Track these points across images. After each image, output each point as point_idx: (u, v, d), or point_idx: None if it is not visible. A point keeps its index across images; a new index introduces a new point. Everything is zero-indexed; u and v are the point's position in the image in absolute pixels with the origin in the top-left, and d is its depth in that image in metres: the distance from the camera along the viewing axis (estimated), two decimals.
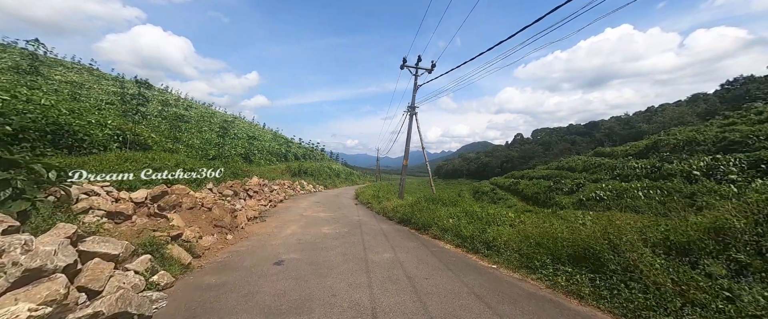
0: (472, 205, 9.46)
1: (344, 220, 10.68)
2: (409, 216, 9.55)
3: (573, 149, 69.44)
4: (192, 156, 17.17)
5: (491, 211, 7.76)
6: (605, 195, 21.91)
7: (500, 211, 7.63)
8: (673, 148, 25.31)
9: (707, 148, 22.52)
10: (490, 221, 6.95)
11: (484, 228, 6.49)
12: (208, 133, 24.30)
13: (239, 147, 24.82)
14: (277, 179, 22.29)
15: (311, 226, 9.24)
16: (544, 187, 31.84)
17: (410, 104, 14.24)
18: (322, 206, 15.06)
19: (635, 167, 25.14)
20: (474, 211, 7.94)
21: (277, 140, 35.49)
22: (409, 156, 14.24)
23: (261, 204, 12.88)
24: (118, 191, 6.70)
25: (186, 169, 10.98)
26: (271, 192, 16.76)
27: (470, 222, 7.15)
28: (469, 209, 8.34)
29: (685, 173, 20.52)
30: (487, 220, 7.13)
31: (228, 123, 27.32)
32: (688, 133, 26.99)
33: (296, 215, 11.42)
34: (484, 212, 7.68)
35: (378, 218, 11.51)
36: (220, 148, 21.49)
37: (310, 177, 28.76)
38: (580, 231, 4.74)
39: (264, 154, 27.47)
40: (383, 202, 13.97)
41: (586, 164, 34.36)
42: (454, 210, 8.63)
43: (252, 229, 8.41)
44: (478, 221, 7.28)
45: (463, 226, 7.04)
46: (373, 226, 9.55)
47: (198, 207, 6.82)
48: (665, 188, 18.94)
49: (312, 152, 40.51)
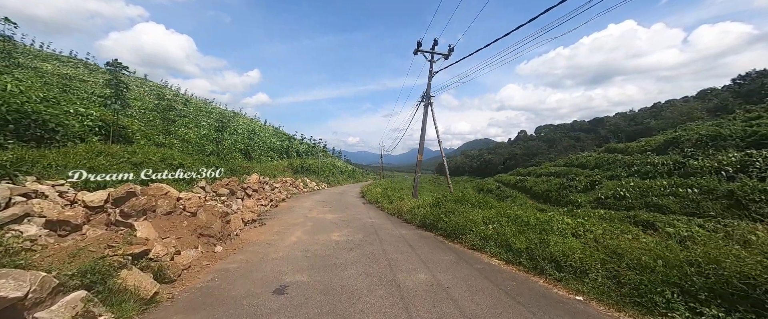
0: (509, 207, 7.96)
1: (355, 223, 9.20)
2: (432, 220, 8.06)
3: (577, 146, 67.80)
4: (188, 152, 15.70)
5: (541, 216, 6.25)
6: (628, 193, 20.46)
7: (553, 216, 6.12)
8: (695, 144, 23.77)
9: (735, 143, 20.97)
10: (545, 229, 5.45)
11: (543, 239, 4.99)
12: (207, 128, 22.80)
13: (239, 143, 23.33)
14: (278, 176, 20.82)
15: (319, 231, 7.75)
16: (556, 184, 30.33)
17: (425, 93, 12.69)
18: (327, 205, 13.59)
19: (656, 163, 23.61)
20: (517, 215, 6.44)
21: (278, 136, 33.99)
22: (423, 151, 12.72)
23: (261, 204, 11.41)
24: (78, 192, 5.22)
25: (174, 165, 9.50)
26: (272, 190, 15.29)
27: (520, 230, 5.64)
28: (510, 212, 6.84)
29: (714, 170, 19.01)
30: (539, 227, 5.64)
31: (226, 117, 25.80)
32: (709, 128, 25.43)
33: (300, 217, 9.95)
34: (532, 216, 6.18)
35: (393, 220, 10.03)
36: (218, 144, 20.00)
37: (313, 174, 27.30)
38: (727, 255, 3.23)
39: (265, 151, 25.99)
40: (395, 201, 12.48)
41: (598, 160, 32.84)
42: (490, 213, 7.12)
43: (249, 236, 6.93)
44: (526, 228, 5.79)
45: (510, 234, 5.55)
46: (390, 231, 8.06)
47: (178, 211, 5.33)
48: (696, 186, 17.47)
49: (314, 149, 39.03)
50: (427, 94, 12.59)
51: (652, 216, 16.98)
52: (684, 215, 15.81)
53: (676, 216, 15.90)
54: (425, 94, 12.71)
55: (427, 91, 12.61)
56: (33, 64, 21.77)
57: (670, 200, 17.40)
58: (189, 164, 10.25)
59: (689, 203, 16.40)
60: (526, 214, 6.42)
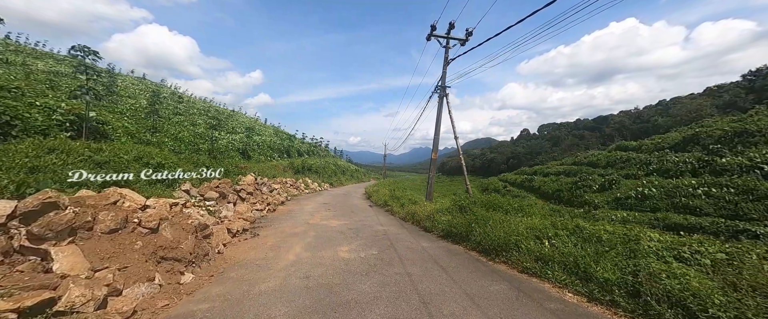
0: (559, 217, 6.44)
1: (365, 232, 7.68)
2: (461, 230, 6.53)
3: (581, 144, 66.20)
4: (179, 150, 14.21)
5: (613, 228, 4.72)
6: (651, 193, 18.90)
7: (633, 230, 4.56)
8: (719, 140, 22.20)
9: (765, 139, 19.40)
10: (632, 250, 3.92)
11: (639, 266, 3.46)
12: (203, 126, 21.31)
13: (237, 141, 21.84)
14: (278, 176, 19.32)
15: (323, 244, 6.24)
16: (567, 184, 28.77)
17: (440, 84, 11.16)
18: (331, 209, 12.07)
19: (676, 161, 22.04)
20: (579, 227, 4.91)
21: (279, 136, 32.49)
22: (437, 148, 11.18)
23: (256, 209, 9.90)
24: None
25: (152, 166, 7.99)
26: (270, 192, 13.79)
27: (597, 251, 4.11)
28: (566, 222, 5.30)
29: (746, 168, 17.44)
30: (620, 245, 4.12)
31: (224, 115, 24.32)
32: (732, 123, 23.86)
33: (301, 225, 8.43)
34: (600, 229, 4.66)
35: (408, 228, 8.50)
36: (213, 143, 18.52)
37: (314, 174, 25.79)
38: None
39: (264, 150, 24.50)
40: (407, 205, 10.96)
41: (610, 158, 31.25)
42: (535, 222, 5.60)
43: (235, 253, 5.42)
44: (600, 245, 4.27)
45: (584, 256, 4.02)
46: (409, 243, 6.54)
47: (130, 228, 3.82)
48: (732, 186, 15.90)
49: (316, 148, 37.52)
50: (442, 84, 11.06)
51: (683, 218, 15.47)
52: (721, 218, 14.27)
53: (712, 218, 14.38)
54: (439, 84, 11.18)
55: (442, 81, 11.08)
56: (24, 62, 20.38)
57: (702, 200, 15.85)
58: (172, 163, 8.75)
59: (725, 204, 14.87)
60: (595, 227, 4.88)
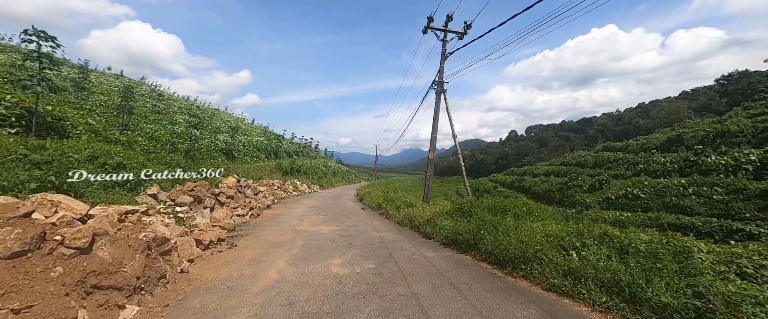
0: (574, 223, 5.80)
1: (360, 239, 6.81)
2: (466, 237, 5.78)
3: (567, 146, 67.53)
4: (155, 150, 12.90)
5: (646, 236, 4.06)
6: (642, 193, 18.88)
7: (675, 239, 3.90)
8: (701, 141, 22.62)
9: (746, 139, 19.81)
10: (687, 267, 3.24)
11: (698, 285, 2.78)
12: (183, 125, 19.85)
13: (220, 141, 20.48)
14: (265, 178, 18.16)
15: (311, 257, 5.33)
16: (558, 184, 28.79)
17: (437, 79, 10.45)
18: (322, 213, 11.11)
19: (664, 161, 22.27)
20: (609, 234, 4.24)
21: (266, 136, 31.09)
22: (435, 147, 10.45)
23: (237, 214, 8.84)
24: None
25: (110, 166, 6.85)
26: (254, 195, 12.68)
27: (646, 269, 3.40)
28: (591, 229, 4.62)
29: (731, 168, 17.65)
30: (654, 254, 3.45)
31: (205, 113, 22.83)
32: (713, 125, 24.42)
33: (287, 231, 7.46)
34: (635, 238, 3.99)
35: (407, 234, 7.69)
36: (193, 142, 17.17)
37: (303, 176, 24.65)
38: None
39: (250, 151, 23.17)
40: (403, 208, 10.16)
41: (597, 159, 31.53)
42: (554, 229, 4.91)
43: (203, 271, 4.45)
44: (637, 257, 3.59)
45: (632, 275, 3.31)
46: (410, 253, 5.72)
47: (47, 249, 2.82)
48: (721, 185, 15.97)
49: (305, 149, 36.25)
50: (440, 79, 10.35)
51: (675, 218, 15.39)
52: (713, 218, 14.22)
53: (704, 218, 14.31)
54: (437, 79, 10.47)
55: (440, 76, 10.37)
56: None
57: (692, 200, 15.85)
58: (136, 164, 7.60)
59: (716, 203, 14.88)
60: (623, 234, 4.21)
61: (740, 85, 41.61)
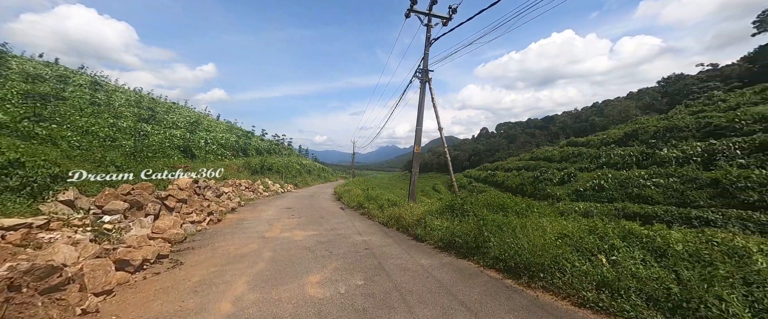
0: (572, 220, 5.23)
1: (342, 246, 5.74)
2: (465, 239, 4.98)
3: (533, 142, 71.23)
4: (90, 146, 10.59)
5: (679, 233, 3.51)
6: (607, 184, 19.82)
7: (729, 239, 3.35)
8: (653, 136, 24.49)
9: (691, 134, 21.67)
10: (746, 270, 2.66)
11: None
12: (131, 119, 17.09)
13: (177, 138, 18.00)
14: (230, 178, 16.21)
15: (282, 275, 4.18)
16: (529, 178, 29.71)
17: (421, 67, 9.60)
18: (296, 215, 9.80)
19: (623, 154, 23.72)
20: (635, 232, 3.64)
21: (233, 132, 28.40)
22: (420, 141, 9.63)
23: (190, 221, 7.28)
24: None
25: (2, 165, 5.07)
26: (217, 197, 10.99)
27: (704, 277, 2.77)
28: (614, 229, 4.01)
29: (681, 159, 19.11)
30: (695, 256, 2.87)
31: (160, 107, 20.00)
32: (661, 121, 26.62)
33: (253, 240, 6.15)
34: (668, 235, 3.42)
35: (394, 236, 6.75)
36: (143, 139, 14.76)
37: (275, 175, 22.74)
38: None
39: (214, 148, 20.78)
40: (386, 207, 9.23)
41: (563, 153, 33.08)
42: (570, 228, 4.26)
43: (121, 309, 3.13)
44: (677, 260, 2.99)
45: (690, 287, 2.65)
46: (403, 261, 4.80)
47: None
48: (677, 175, 17.11)
49: (278, 147, 33.88)
50: (425, 67, 9.51)
51: (639, 207, 16.22)
52: (672, 206, 15.14)
53: (665, 207, 15.20)
54: (421, 68, 9.62)
55: (424, 64, 9.53)
56: None
57: (652, 190, 16.85)
58: (43, 163, 5.80)
59: (673, 193, 15.93)
60: (648, 231, 3.61)
61: (677, 87, 46.46)
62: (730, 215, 12.02)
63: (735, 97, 25.09)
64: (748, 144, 16.20)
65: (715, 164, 16.30)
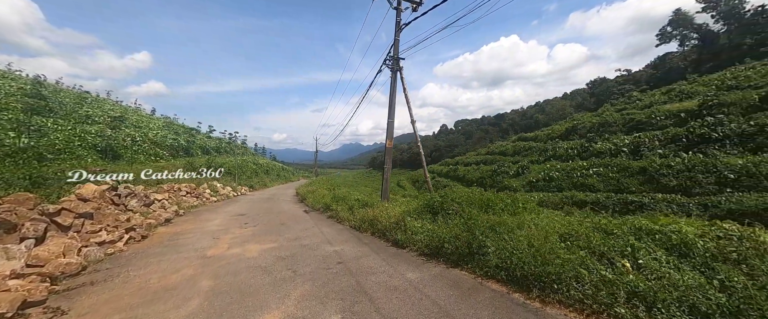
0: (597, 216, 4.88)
1: (309, 261, 4.62)
2: (456, 244, 4.29)
3: (487, 138, 76.18)
4: None
5: (691, 226, 3.22)
6: (556, 175, 21.49)
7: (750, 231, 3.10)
8: (589, 130, 27.50)
9: (619, 128, 24.73)
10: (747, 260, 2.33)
11: None
12: (16, 111, 13.17)
13: (91, 135, 14.49)
14: (166, 183, 13.52)
15: (227, 314, 2.97)
16: (488, 171, 31.15)
17: (392, 55, 8.75)
18: (250, 223, 8.24)
19: (566, 147, 26.10)
20: (646, 227, 3.27)
21: (172, 129, 24.38)
22: (393, 135, 8.81)
23: (96, 241, 5.40)
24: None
25: None
26: (146, 206, 8.81)
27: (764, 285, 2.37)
28: (620, 225, 3.62)
29: (613, 151, 21.58)
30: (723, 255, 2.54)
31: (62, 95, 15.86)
32: (594, 118, 30.07)
33: (188, 263, 4.66)
34: (684, 230, 3.10)
35: (370, 243, 5.82)
36: (38, 137, 11.41)
37: (227, 176, 20.00)
38: None
39: (145, 147, 17.36)
40: (358, 209, 8.22)
41: (516, 148, 35.51)
42: (575, 225, 3.81)
43: None
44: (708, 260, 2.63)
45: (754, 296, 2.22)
46: (387, 279, 3.90)
47: None
48: (614, 165, 19.16)
49: (229, 145, 30.24)
50: (395, 54, 8.68)
51: (584, 195, 17.79)
52: (610, 192, 16.86)
53: (605, 193, 16.87)
54: (392, 56, 8.78)
55: (395, 52, 8.70)
56: None
57: (594, 179, 18.65)
58: None
59: (610, 180, 17.81)
60: (657, 225, 3.27)
61: (602, 88, 53.58)
62: (658, 198, 13.71)
63: (647, 96, 29.44)
64: (663, 136, 18.89)
65: (640, 154, 18.64)
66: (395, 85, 8.69)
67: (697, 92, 24.34)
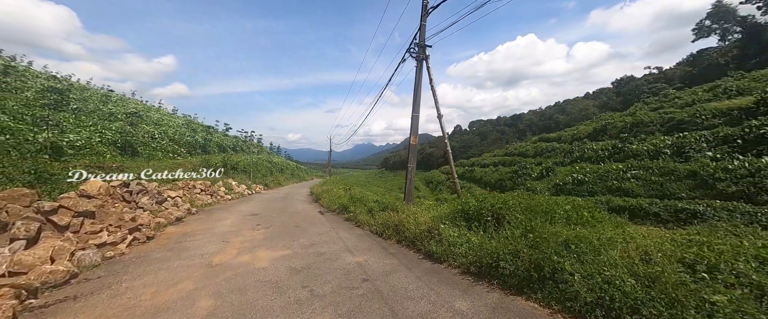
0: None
1: (328, 276, 3.79)
2: (519, 265, 3.31)
3: (503, 139, 73.56)
4: None
5: None
6: (586, 178, 19.79)
7: None
8: (622, 130, 25.40)
9: (656, 128, 22.59)
10: None
11: None
12: (37, 107, 13.27)
13: (111, 132, 14.46)
14: (181, 180, 13.23)
15: None
16: (507, 173, 29.55)
17: (417, 42, 7.84)
18: (262, 224, 7.56)
19: (596, 149, 24.18)
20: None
21: (190, 127, 24.55)
22: (417, 131, 7.89)
23: (96, 243, 4.82)
24: None
25: None
26: (157, 204, 8.35)
27: None
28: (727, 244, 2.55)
29: (652, 152, 19.62)
30: None
31: (91, 93, 16.05)
32: (626, 117, 27.82)
33: (191, 273, 3.94)
34: None
35: (397, 253, 4.93)
36: (57, 132, 11.33)
37: (242, 174, 19.75)
38: None
39: (164, 144, 17.32)
40: (378, 212, 7.35)
41: (536, 149, 33.60)
42: (710, 249, 2.74)
43: None
44: None
45: None
46: (432, 309, 3.00)
47: None
48: (656, 168, 17.32)
49: (245, 143, 30.29)
50: (421, 41, 7.76)
51: (623, 201, 16.10)
52: (654, 198, 15.13)
53: (650, 199, 15.16)
54: (417, 43, 7.86)
55: (421, 38, 7.78)
56: None
57: (632, 183, 16.93)
58: None
59: (652, 185, 16.05)
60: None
61: (629, 87, 50.17)
62: (715, 206, 12.00)
63: (687, 94, 26.86)
64: (713, 137, 16.86)
65: (685, 156, 16.71)
66: (420, 75, 7.77)
67: (748, 89, 21.81)
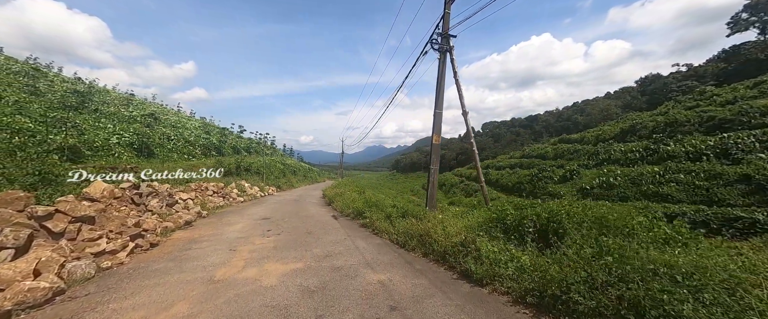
0: None
1: (346, 303, 3.08)
2: (600, 299, 2.49)
3: (518, 140, 71.13)
4: None
5: None
6: (617, 182, 18.26)
7: None
8: (653, 131, 23.51)
9: (694, 128, 20.68)
10: None
11: None
12: (57, 108, 13.44)
13: (129, 133, 14.50)
14: (194, 181, 13.00)
15: None
16: (526, 176, 28.08)
17: (440, 32, 7.10)
18: (274, 230, 6.99)
19: (625, 150, 22.45)
20: None
21: (206, 129, 24.74)
22: (440, 129, 7.13)
23: (93, 252, 4.35)
24: None
25: None
26: (168, 206, 7.97)
27: None
28: None
29: (691, 154, 17.87)
30: None
31: (115, 97, 16.33)
32: (658, 117, 25.80)
33: (188, 292, 3.32)
34: None
35: (426, 270, 4.18)
36: (78, 134, 11.32)
37: (255, 176, 19.54)
38: None
39: (180, 146, 17.33)
40: (398, 219, 6.62)
41: (557, 150, 31.89)
42: None
43: None
44: None
45: None
46: None
47: None
48: (699, 171, 15.68)
49: (259, 145, 30.36)
50: (445, 31, 7.02)
51: (663, 207, 14.58)
52: (700, 205, 13.58)
53: (695, 206, 13.61)
54: (440, 33, 7.12)
55: (445, 27, 7.04)
56: None
57: (671, 187, 15.37)
58: None
59: (696, 190, 14.48)
60: None
61: (656, 86, 47.13)
62: None
63: (727, 91, 24.58)
64: (765, 136, 15.06)
65: (733, 158, 14.99)
66: (444, 68, 7.01)
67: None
